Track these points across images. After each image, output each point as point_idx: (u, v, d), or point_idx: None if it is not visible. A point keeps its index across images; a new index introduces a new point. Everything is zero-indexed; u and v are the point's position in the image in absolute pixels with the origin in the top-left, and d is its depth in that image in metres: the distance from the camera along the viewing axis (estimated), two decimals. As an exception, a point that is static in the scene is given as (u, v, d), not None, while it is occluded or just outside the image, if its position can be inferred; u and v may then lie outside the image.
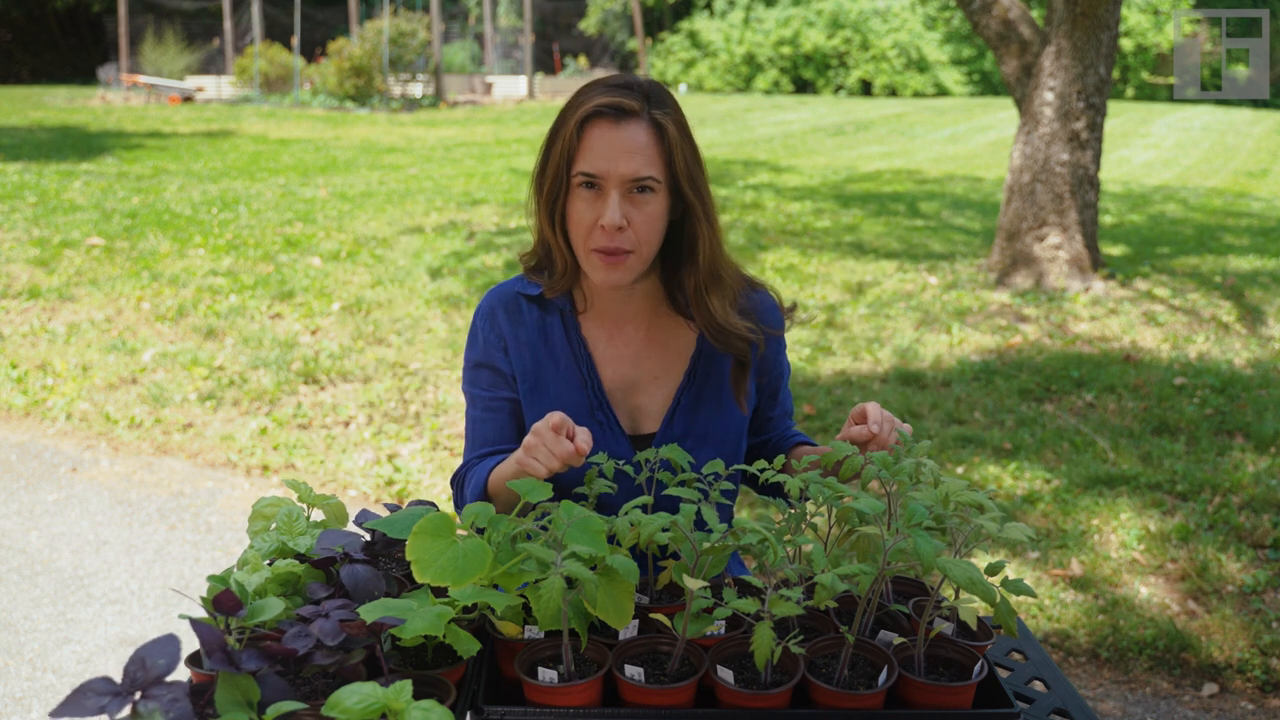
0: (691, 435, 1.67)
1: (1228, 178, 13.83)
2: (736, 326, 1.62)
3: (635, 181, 1.52)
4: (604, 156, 1.51)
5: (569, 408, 1.65)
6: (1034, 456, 4.30)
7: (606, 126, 1.51)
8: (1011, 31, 6.98)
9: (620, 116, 1.52)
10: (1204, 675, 2.96)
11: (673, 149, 1.54)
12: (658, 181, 1.53)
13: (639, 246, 1.55)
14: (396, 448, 4.48)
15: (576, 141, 1.53)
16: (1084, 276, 6.93)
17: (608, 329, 1.69)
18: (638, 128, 1.52)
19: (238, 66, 25.31)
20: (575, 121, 1.53)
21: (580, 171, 1.52)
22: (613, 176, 1.51)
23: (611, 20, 32.64)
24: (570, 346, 1.68)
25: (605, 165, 1.51)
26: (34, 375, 5.32)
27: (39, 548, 3.70)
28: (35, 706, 2.84)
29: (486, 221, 9.32)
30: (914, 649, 1.26)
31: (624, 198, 1.52)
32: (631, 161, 1.51)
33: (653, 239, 1.56)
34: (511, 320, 1.69)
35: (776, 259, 7.92)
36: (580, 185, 1.53)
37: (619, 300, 1.67)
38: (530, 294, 1.69)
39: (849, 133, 19.26)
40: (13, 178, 11.22)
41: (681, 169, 1.55)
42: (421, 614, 1.15)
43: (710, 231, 1.60)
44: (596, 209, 1.53)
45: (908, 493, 1.33)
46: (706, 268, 1.60)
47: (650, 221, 1.54)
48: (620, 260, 1.55)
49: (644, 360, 1.68)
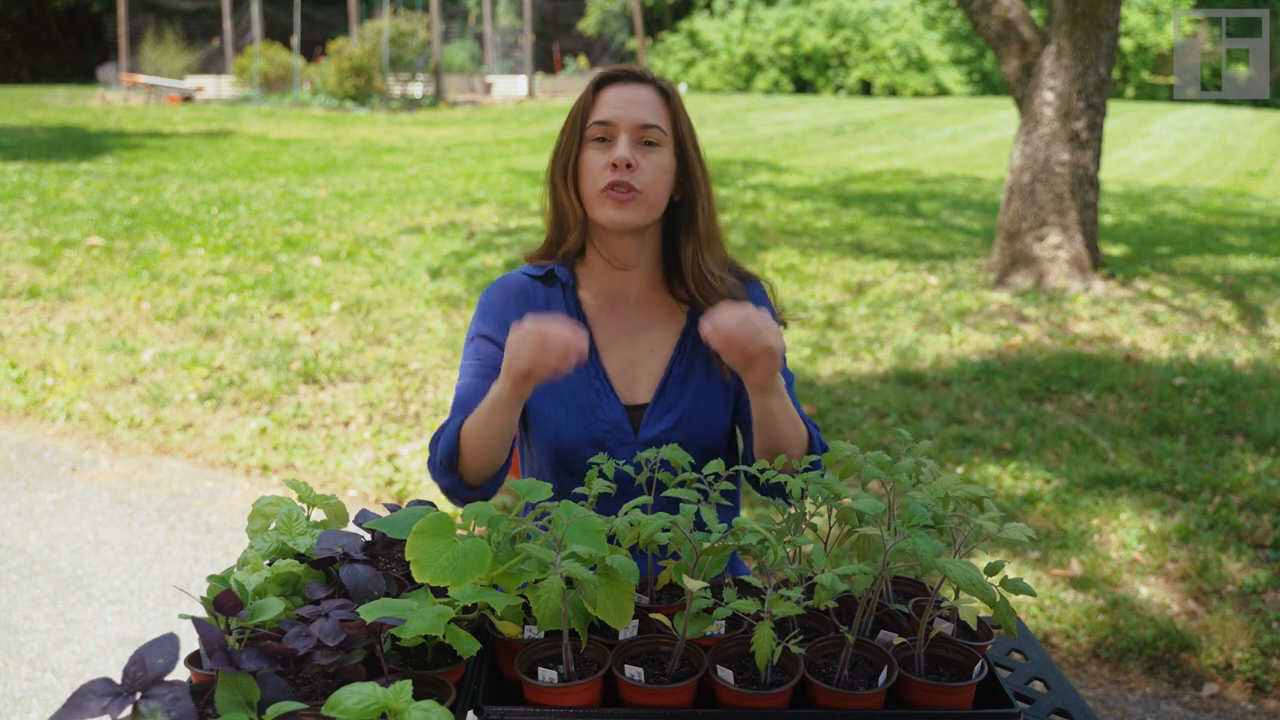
0: (681, 404, 1.76)
1: (1228, 178, 13.83)
2: (723, 284, 1.75)
3: (644, 130, 1.65)
4: (616, 106, 1.66)
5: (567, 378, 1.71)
6: (1034, 456, 4.30)
7: (619, 85, 1.69)
8: (1012, 31, 6.98)
9: (631, 79, 1.70)
10: (1204, 675, 2.96)
11: (678, 111, 1.70)
12: (663, 133, 1.67)
13: (646, 188, 1.66)
14: (396, 448, 4.48)
15: (591, 101, 1.69)
16: (1084, 276, 6.93)
17: (606, 307, 1.78)
18: (647, 89, 1.69)
19: (237, 66, 25.30)
20: (591, 85, 1.71)
21: (594, 121, 1.67)
22: (624, 123, 1.65)
23: (611, 20, 32.62)
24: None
25: (616, 112, 1.65)
26: (34, 375, 5.32)
27: (39, 548, 3.70)
28: (35, 707, 2.84)
29: (486, 221, 9.32)
30: (914, 649, 1.26)
31: (634, 145, 1.65)
32: (641, 110, 1.66)
33: (658, 186, 1.68)
34: (515, 299, 1.78)
35: (776, 259, 7.92)
36: (593, 140, 1.67)
37: (628, 259, 1.75)
38: (534, 274, 1.79)
39: (849, 133, 19.26)
40: (12, 178, 11.22)
41: (685, 131, 1.70)
42: (421, 614, 1.15)
43: (707, 196, 1.74)
44: (607, 155, 1.66)
45: (907, 493, 1.33)
46: (704, 227, 1.73)
47: (656, 169, 1.67)
48: (629, 198, 1.64)
49: (639, 335, 1.77)
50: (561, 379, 1.70)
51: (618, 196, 1.64)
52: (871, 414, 4.79)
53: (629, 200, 1.64)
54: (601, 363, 1.76)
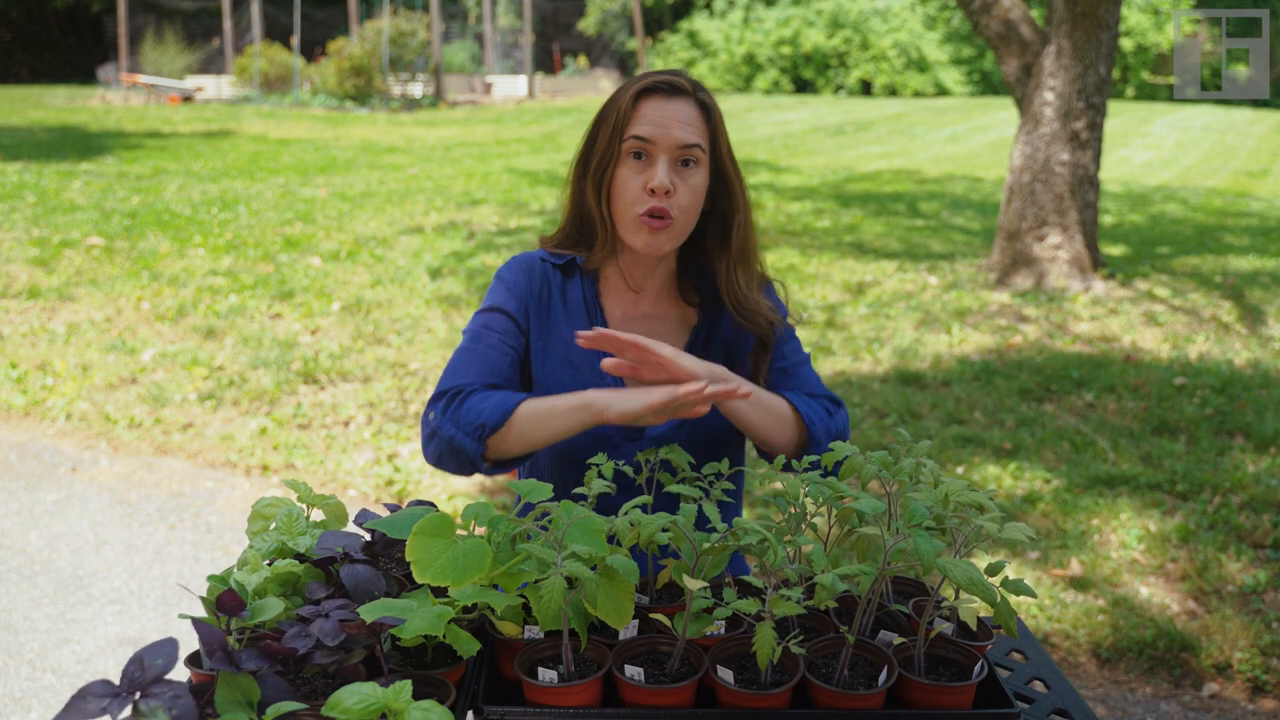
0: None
1: (1228, 178, 13.83)
2: (761, 305, 1.71)
3: (683, 150, 1.60)
4: (656, 123, 1.60)
5: (580, 369, 1.71)
6: (1034, 456, 4.29)
7: (660, 99, 1.62)
8: (1012, 31, 6.98)
9: (672, 92, 1.63)
10: (1204, 675, 2.96)
11: (717, 127, 1.65)
12: (703, 152, 1.63)
13: (680, 215, 1.62)
14: (396, 448, 4.47)
15: (631, 111, 1.62)
16: (1084, 276, 6.93)
17: (624, 302, 1.76)
18: (687, 104, 1.63)
19: (237, 66, 25.30)
20: (630, 95, 1.63)
21: (633, 135, 1.61)
22: (663, 142, 1.60)
23: (611, 20, 32.61)
24: (588, 313, 1.74)
25: (657, 130, 1.60)
26: (34, 375, 5.32)
27: (39, 548, 3.70)
28: (35, 707, 2.84)
29: (486, 221, 9.32)
30: (914, 649, 1.26)
31: (671, 167, 1.61)
32: (681, 129, 1.60)
33: (692, 211, 1.64)
34: (535, 280, 1.75)
35: (776, 259, 7.92)
36: (629, 155, 1.62)
37: (643, 278, 1.74)
38: (555, 262, 1.75)
39: (849, 133, 19.26)
40: (12, 177, 11.22)
41: (724, 148, 1.66)
42: (421, 614, 1.15)
43: (745, 212, 1.70)
44: (644, 176, 1.61)
45: (908, 493, 1.33)
46: (739, 246, 1.69)
47: (692, 193, 1.63)
48: (665, 225, 1.61)
49: (654, 333, 1.75)
50: (576, 375, 1.70)
51: (654, 225, 1.60)
52: (871, 414, 4.78)
53: (664, 227, 1.61)
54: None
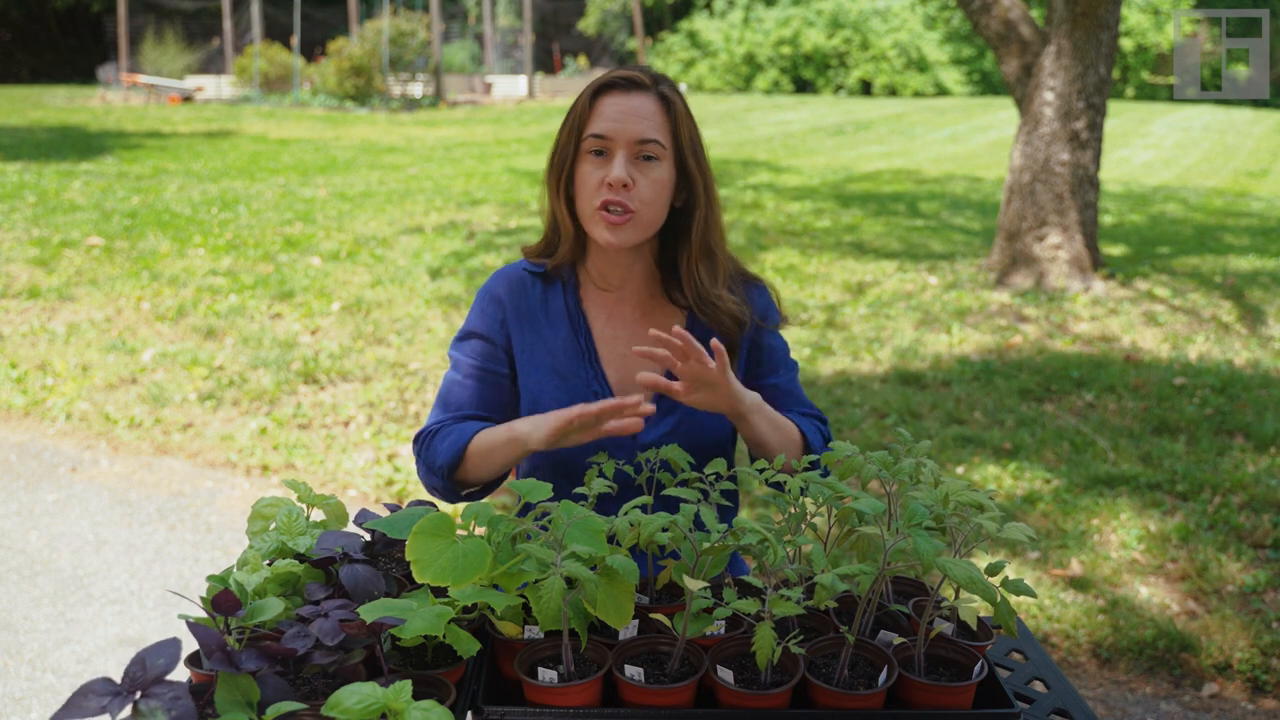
0: (680, 407, 1.75)
1: (1228, 178, 13.83)
2: (724, 300, 1.70)
3: (641, 145, 1.59)
4: (613, 119, 1.60)
5: (566, 378, 1.71)
6: (1034, 456, 4.29)
7: (617, 95, 1.62)
8: (1012, 31, 6.98)
9: (630, 87, 1.62)
10: (1204, 675, 2.96)
11: (678, 121, 1.63)
12: (662, 148, 1.61)
13: (642, 208, 1.61)
14: (396, 448, 4.47)
15: (588, 110, 1.62)
16: (1084, 276, 6.93)
17: (606, 309, 1.76)
18: (646, 98, 1.62)
19: (237, 66, 25.30)
20: (588, 93, 1.64)
21: (590, 134, 1.60)
22: (620, 137, 1.59)
23: (611, 20, 32.62)
24: (570, 321, 1.74)
25: (613, 126, 1.59)
26: (34, 375, 5.32)
27: (39, 548, 3.70)
28: (35, 707, 2.83)
29: (486, 221, 9.32)
30: (914, 649, 1.26)
31: (630, 161, 1.60)
32: (639, 124, 1.59)
33: (656, 204, 1.63)
34: (514, 293, 1.76)
35: (776, 259, 7.92)
36: (589, 152, 1.61)
37: (617, 279, 1.73)
38: (534, 271, 1.76)
39: (849, 133, 19.26)
40: (12, 178, 11.22)
41: (686, 141, 1.64)
42: (421, 614, 1.15)
43: (707, 207, 1.68)
44: (603, 171, 1.61)
45: (908, 493, 1.33)
46: (699, 241, 1.68)
47: (654, 186, 1.61)
48: (624, 220, 1.60)
49: (637, 339, 1.75)
50: (562, 384, 1.70)
51: (611, 219, 1.60)
52: (871, 414, 4.78)
53: (624, 222, 1.60)
54: (601, 366, 1.74)
